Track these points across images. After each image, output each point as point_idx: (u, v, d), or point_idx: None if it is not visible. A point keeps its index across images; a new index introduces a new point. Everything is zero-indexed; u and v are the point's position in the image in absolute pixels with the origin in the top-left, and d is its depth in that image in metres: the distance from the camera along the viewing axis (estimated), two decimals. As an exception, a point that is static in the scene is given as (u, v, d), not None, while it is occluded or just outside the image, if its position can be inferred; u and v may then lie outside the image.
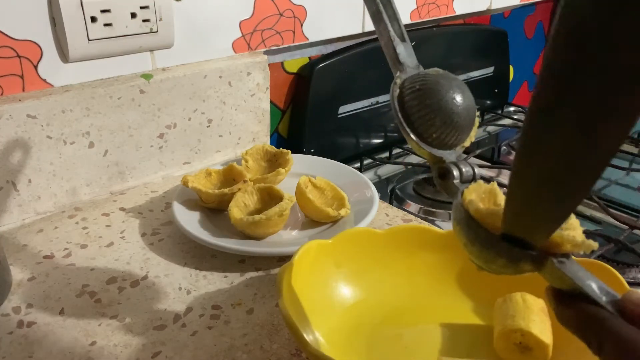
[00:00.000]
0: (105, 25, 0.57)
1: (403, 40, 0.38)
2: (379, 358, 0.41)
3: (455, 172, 0.33)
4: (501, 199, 0.33)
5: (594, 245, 0.28)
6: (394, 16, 0.39)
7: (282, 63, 0.77)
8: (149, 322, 0.44)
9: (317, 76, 0.76)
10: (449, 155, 0.34)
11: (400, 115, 0.35)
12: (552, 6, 1.22)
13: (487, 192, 0.33)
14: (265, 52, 0.72)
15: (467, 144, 0.36)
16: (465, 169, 0.34)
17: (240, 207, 0.54)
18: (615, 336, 0.25)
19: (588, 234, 0.63)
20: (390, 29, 0.38)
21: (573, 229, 0.29)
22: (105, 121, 0.60)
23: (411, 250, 0.47)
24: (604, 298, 0.27)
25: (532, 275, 0.31)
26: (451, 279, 0.47)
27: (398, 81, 0.36)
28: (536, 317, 0.40)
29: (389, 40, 0.38)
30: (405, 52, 0.38)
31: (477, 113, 0.36)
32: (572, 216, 0.30)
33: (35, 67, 0.56)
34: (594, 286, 0.27)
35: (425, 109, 0.34)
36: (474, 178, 0.34)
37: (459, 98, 0.34)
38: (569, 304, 0.27)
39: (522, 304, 0.41)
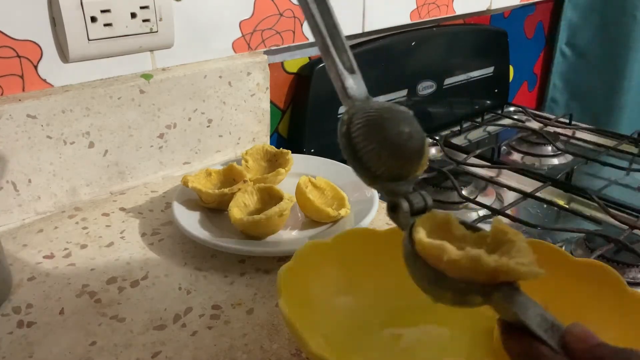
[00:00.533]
0: (105, 25, 0.57)
1: (352, 72, 0.38)
2: (378, 358, 0.41)
3: (405, 205, 0.34)
4: (456, 228, 0.33)
5: (541, 272, 0.28)
6: (342, 48, 0.39)
7: (282, 63, 0.77)
8: (149, 322, 0.44)
9: (317, 76, 0.76)
10: (401, 187, 0.34)
11: (347, 152, 0.35)
12: (552, 6, 1.22)
13: (441, 222, 0.33)
14: (265, 52, 0.72)
15: (419, 173, 0.35)
16: (416, 201, 0.34)
17: (240, 207, 0.54)
18: None
19: (588, 233, 0.63)
20: (338, 62, 0.38)
21: (522, 256, 0.29)
22: (105, 121, 0.60)
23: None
24: (548, 332, 0.27)
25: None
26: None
27: (345, 117, 0.36)
28: None
29: (336, 74, 0.37)
30: (354, 84, 0.38)
31: (429, 141, 0.36)
32: (523, 242, 0.30)
33: (35, 67, 0.56)
34: (537, 319, 0.27)
35: (371, 143, 0.34)
36: (425, 208, 0.34)
37: (404, 130, 0.34)
38: (514, 336, 0.28)
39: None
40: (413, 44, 0.88)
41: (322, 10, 0.39)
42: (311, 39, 0.76)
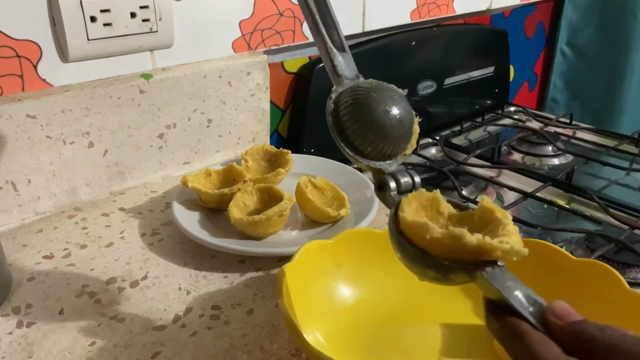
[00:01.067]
0: (105, 25, 0.57)
1: (342, 50, 0.38)
2: (378, 358, 0.41)
3: (392, 184, 0.33)
4: (444, 207, 0.33)
5: (524, 251, 0.28)
6: (333, 25, 0.38)
7: (282, 63, 0.77)
8: (149, 322, 0.44)
9: (317, 76, 0.76)
10: (388, 166, 0.34)
11: (334, 130, 0.35)
12: (552, 6, 1.22)
13: (429, 200, 0.33)
14: (265, 52, 0.72)
15: (408, 152, 0.35)
16: (404, 180, 0.34)
17: (240, 207, 0.54)
18: (529, 354, 0.26)
19: (588, 233, 0.63)
20: (328, 40, 0.37)
21: (509, 235, 0.29)
22: (105, 121, 0.60)
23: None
24: (530, 309, 0.27)
25: (532, 274, 0.31)
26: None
27: (333, 96, 0.36)
28: None
29: (326, 52, 0.37)
30: (343, 62, 0.37)
31: (418, 120, 0.36)
32: (510, 221, 0.30)
33: (35, 67, 0.56)
34: (520, 297, 0.28)
35: (357, 123, 0.34)
36: (413, 187, 0.34)
37: (391, 110, 0.34)
38: (497, 315, 0.28)
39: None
40: (413, 44, 0.88)
41: None
42: (311, 38, 0.76)
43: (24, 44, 0.55)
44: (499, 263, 0.29)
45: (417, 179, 0.34)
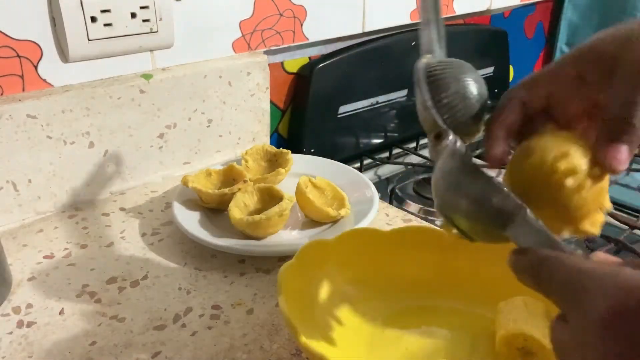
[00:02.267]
0: (105, 25, 0.57)
1: (440, 37, 0.42)
2: (379, 358, 0.41)
3: (452, 136, 0.34)
4: None
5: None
6: (439, 24, 0.43)
7: (282, 63, 0.77)
8: (149, 322, 0.44)
9: (317, 76, 0.76)
10: (464, 128, 0.35)
11: (424, 86, 0.38)
12: (552, 6, 1.22)
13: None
14: (265, 52, 0.72)
15: (472, 134, 0.36)
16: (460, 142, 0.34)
17: (240, 207, 0.54)
18: (554, 271, 0.26)
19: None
20: (435, 33, 0.43)
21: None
22: (105, 121, 0.60)
23: (414, 251, 0.47)
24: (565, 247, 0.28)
25: None
26: (453, 281, 0.47)
27: (425, 60, 0.40)
28: (539, 321, 0.40)
29: (429, 40, 0.42)
30: (439, 42, 0.42)
31: (487, 116, 0.37)
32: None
33: (35, 67, 0.56)
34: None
35: (445, 72, 0.37)
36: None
37: (477, 81, 0.36)
38: (525, 251, 0.29)
39: (524, 308, 0.40)
40: (413, 44, 0.88)
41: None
42: (311, 38, 0.76)
43: (25, 44, 0.55)
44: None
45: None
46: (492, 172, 0.35)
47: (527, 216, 0.29)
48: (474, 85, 0.36)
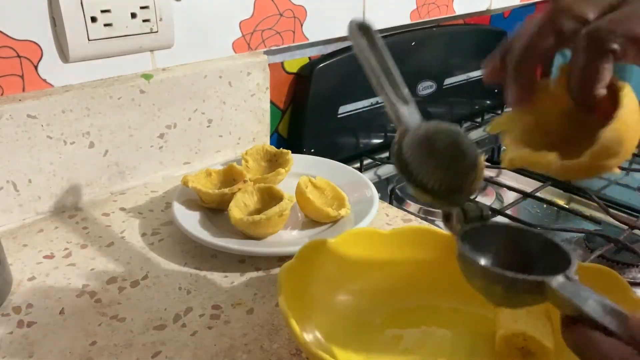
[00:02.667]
0: (106, 25, 0.57)
1: (406, 102, 0.40)
2: (378, 358, 0.41)
3: (458, 214, 0.34)
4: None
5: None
6: (396, 82, 0.41)
7: (282, 63, 0.77)
8: (149, 322, 0.44)
9: (317, 76, 0.76)
10: (455, 199, 0.35)
11: (399, 167, 0.36)
12: (552, 6, 1.22)
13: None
14: (265, 52, 0.72)
15: (474, 186, 0.36)
16: (471, 209, 0.34)
17: (240, 207, 0.54)
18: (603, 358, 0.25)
19: (588, 233, 0.63)
20: (392, 95, 0.40)
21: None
22: (106, 121, 0.60)
23: (414, 251, 0.47)
24: (607, 317, 0.27)
25: None
26: (453, 281, 0.46)
27: (397, 138, 0.37)
28: (538, 321, 0.40)
29: (390, 103, 0.39)
30: (407, 113, 0.39)
31: (483, 157, 0.37)
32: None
33: (36, 67, 0.56)
34: (594, 305, 0.27)
35: (418, 158, 0.35)
36: (482, 217, 0.34)
37: (451, 143, 0.35)
38: (573, 328, 0.28)
39: (524, 307, 0.40)
40: (413, 44, 0.88)
41: (375, 50, 0.43)
42: (311, 39, 0.76)
43: (25, 44, 0.55)
44: (567, 274, 0.29)
45: (487, 211, 0.35)
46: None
47: (556, 287, 0.28)
48: (445, 141, 0.35)
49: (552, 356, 0.39)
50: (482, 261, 0.32)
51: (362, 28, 0.43)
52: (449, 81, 0.96)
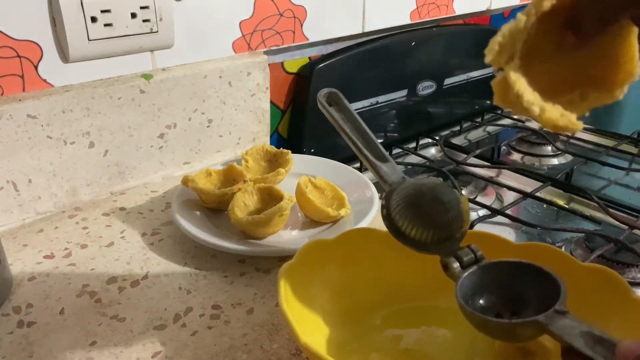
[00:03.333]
0: (106, 25, 0.57)
1: (385, 160, 0.43)
2: (379, 358, 0.41)
3: (455, 264, 0.37)
4: None
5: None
6: (372, 143, 0.44)
7: (282, 63, 0.77)
8: (149, 322, 0.44)
9: (317, 76, 0.76)
10: (449, 247, 0.38)
11: (392, 231, 0.39)
12: (552, 6, 1.22)
13: None
14: (265, 52, 0.72)
15: (464, 230, 0.39)
16: (465, 255, 0.37)
17: (241, 207, 0.54)
18: None
19: (588, 233, 0.63)
20: (371, 157, 0.43)
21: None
22: (106, 121, 0.60)
23: (414, 251, 0.47)
24: (597, 347, 0.28)
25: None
26: (453, 281, 0.47)
27: (383, 202, 0.40)
28: None
29: (371, 166, 0.43)
30: (388, 170, 0.42)
31: (465, 198, 0.40)
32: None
33: (36, 67, 0.56)
34: (583, 339, 0.29)
35: (407, 220, 0.38)
36: (476, 260, 0.37)
37: (435, 199, 0.38)
38: (569, 357, 0.29)
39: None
40: (413, 44, 0.88)
41: (348, 117, 0.46)
42: (311, 38, 0.76)
43: (25, 44, 0.55)
44: (557, 308, 0.31)
45: (479, 252, 0.38)
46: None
47: (547, 323, 0.30)
48: (428, 198, 0.39)
49: (552, 356, 0.39)
50: (481, 301, 0.36)
51: (329, 98, 0.47)
52: (449, 81, 0.96)
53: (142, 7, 0.58)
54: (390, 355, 0.41)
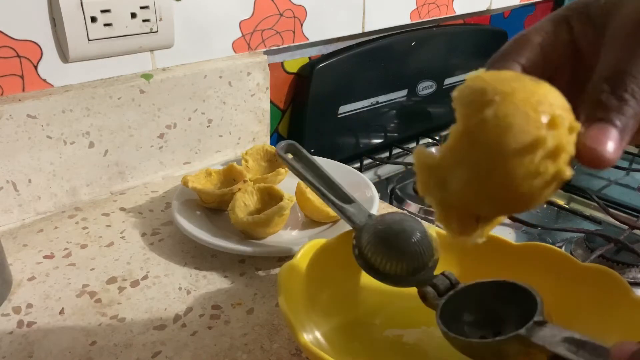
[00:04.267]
0: (105, 25, 0.57)
1: (350, 202, 0.45)
2: (379, 358, 0.41)
3: (431, 291, 0.39)
4: None
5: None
6: (336, 187, 0.47)
7: (282, 63, 0.77)
8: (149, 322, 0.44)
9: (317, 76, 0.76)
10: (423, 276, 0.40)
11: (366, 269, 0.41)
12: (551, 6, 1.22)
13: None
14: (265, 52, 0.72)
15: (435, 258, 0.40)
16: (440, 283, 0.39)
17: (240, 207, 0.54)
18: None
19: (588, 233, 0.63)
20: (337, 200, 0.46)
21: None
22: (106, 121, 0.60)
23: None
24: (580, 351, 0.29)
25: (537, 278, 0.31)
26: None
27: (354, 242, 0.42)
28: None
29: (338, 209, 0.45)
30: (355, 211, 0.45)
31: (434, 230, 0.42)
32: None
33: (36, 67, 0.56)
34: (565, 345, 0.29)
35: (379, 257, 0.40)
36: (452, 286, 0.39)
37: (402, 233, 0.40)
38: None
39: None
40: (413, 44, 0.88)
41: (309, 165, 0.49)
42: (311, 38, 0.76)
43: (25, 44, 0.55)
44: (535, 319, 0.31)
45: (454, 278, 0.39)
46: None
47: (528, 335, 0.31)
48: (395, 233, 0.40)
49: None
50: (465, 326, 0.36)
51: (289, 149, 0.50)
52: (449, 81, 0.96)
53: (142, 7, 0.58)
54: (390, 355, 0.41)
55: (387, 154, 0.90)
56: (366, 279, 0.46)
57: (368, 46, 0.82)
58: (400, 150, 0.90)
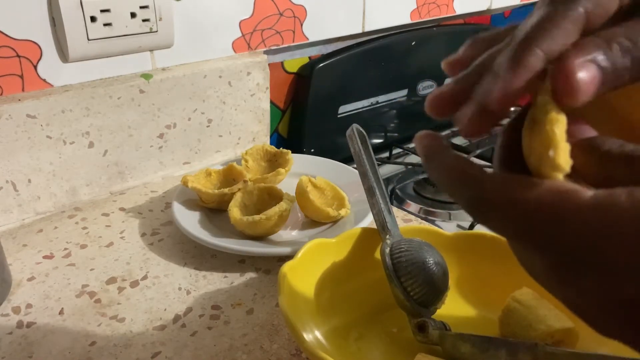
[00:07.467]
0: (105, 25, 0.57)
1: (390, 212, 0.46)
2: (379, 358, 0.41)
3: (431, 324, 0.40)
4: None
5: None
6: (383, 193, 0.46)
7: (282, 63, 0.77)
8: (149, 322, 0.44)
9: (317, 76, 0.76)
10: (426, 312, 0.41)
11: (391, 277, 0.41)
12: (552, 6, 1.22)
13: None
14: (265, 52, 0.72)
15: (439, 306, 0.42)
16: (435, 324, 0.40)
17: (240, 207, 0.54)
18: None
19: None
20: (382, 202, 0.46)
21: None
22: (105, 121, 0.60)
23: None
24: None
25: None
26: (453, 281, 0.46)
27: (389, 241, 0.43)
28: (544, 310, 0.39)
29: (379, 210, 0.45)
30: (391, 222, 0.45)
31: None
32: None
33: (35, 67, 0.56)
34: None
35: (411, 266, 0.41)
36: (445, 328, 0.40)
37: (438, 265, 0.41)
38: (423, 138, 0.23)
39: (525, 309, 0.40)
40: (413, 44, 0.88)
41: (370, 162, 0.47)
42: (311, 38, 0.76)
43: (24, 44, 0.55)
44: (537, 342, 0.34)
45: (447, 325, 0.41)
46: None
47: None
48: (431, 259, 0.41)
49: (576, 331, 0.38)
50: None
51: (360, 135, 0.49)
52: (449, 81, 0.96)
53: (141, 7, 0.58)
54: (390, 355, 0.41)
55: (387, 154, 0.90)
56: (366, 279, 0.46)
57: (368, 46, 0.82)
58: (400, 150, 0.90)
